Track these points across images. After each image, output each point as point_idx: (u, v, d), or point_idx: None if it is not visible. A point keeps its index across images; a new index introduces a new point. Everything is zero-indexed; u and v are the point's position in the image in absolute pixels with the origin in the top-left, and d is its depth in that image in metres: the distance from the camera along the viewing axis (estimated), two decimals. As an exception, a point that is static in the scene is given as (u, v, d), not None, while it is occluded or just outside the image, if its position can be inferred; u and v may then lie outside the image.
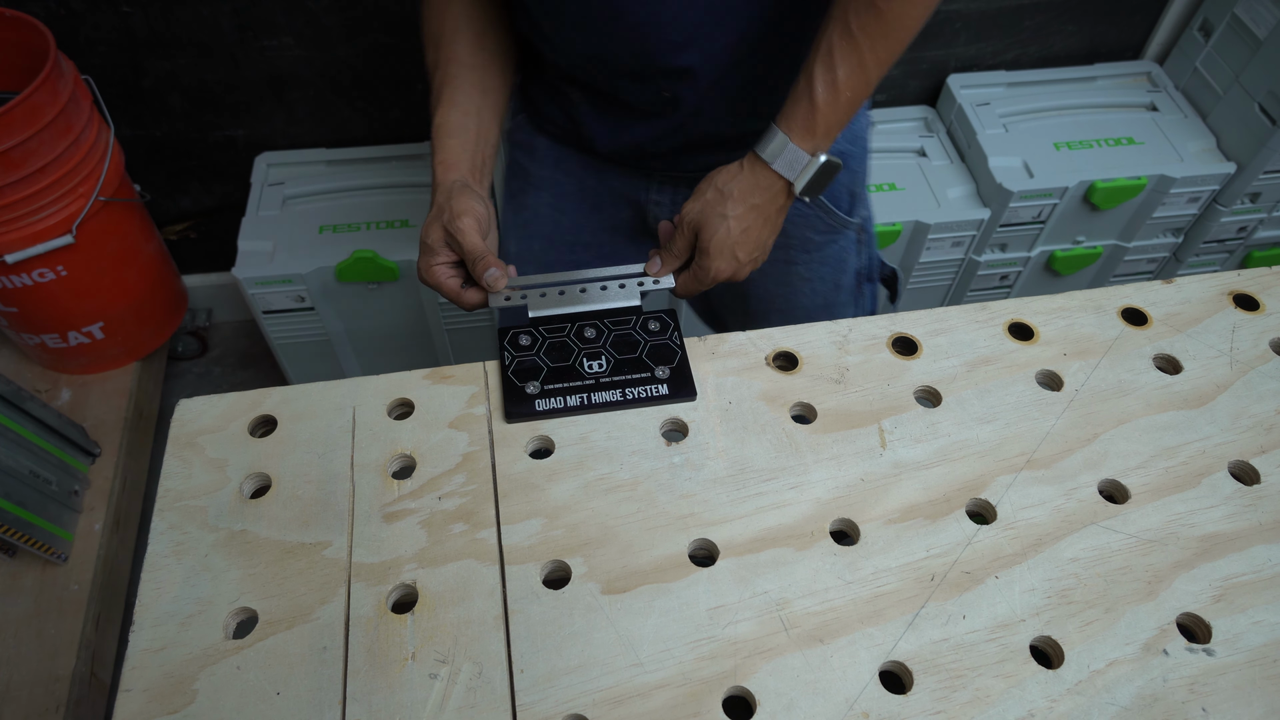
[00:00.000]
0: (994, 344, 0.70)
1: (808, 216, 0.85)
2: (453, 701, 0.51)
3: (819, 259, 0.88)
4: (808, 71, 0.66)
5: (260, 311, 1.45)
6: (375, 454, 0.62)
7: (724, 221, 0.70)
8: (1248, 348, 0.71)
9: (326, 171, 1.53)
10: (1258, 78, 1.47)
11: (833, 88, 0.65)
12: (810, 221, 0.85)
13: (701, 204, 0.70)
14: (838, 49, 0.64)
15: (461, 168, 0.74)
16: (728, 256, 0.71)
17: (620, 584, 0.56)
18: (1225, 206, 1.57)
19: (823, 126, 0.67)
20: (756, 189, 0.70)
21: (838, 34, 0.64)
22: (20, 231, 1.24)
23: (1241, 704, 0.52)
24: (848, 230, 0.88)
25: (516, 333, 0.70)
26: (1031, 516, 0.60)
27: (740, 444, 0.64)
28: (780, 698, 0.52)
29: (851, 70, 0.65)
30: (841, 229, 0.87)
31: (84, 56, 1.37)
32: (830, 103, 0.66)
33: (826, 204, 0.84)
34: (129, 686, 0.52)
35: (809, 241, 0.87)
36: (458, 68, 0.75)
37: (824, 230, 0.86)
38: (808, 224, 0.85)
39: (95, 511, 1.38)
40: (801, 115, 0.67)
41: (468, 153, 0.74)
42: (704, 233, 0.70)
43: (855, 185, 0.85)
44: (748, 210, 0.70)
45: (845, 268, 0.90)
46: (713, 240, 0.70)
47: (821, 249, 0.87)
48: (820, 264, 0.89)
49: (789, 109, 0.68)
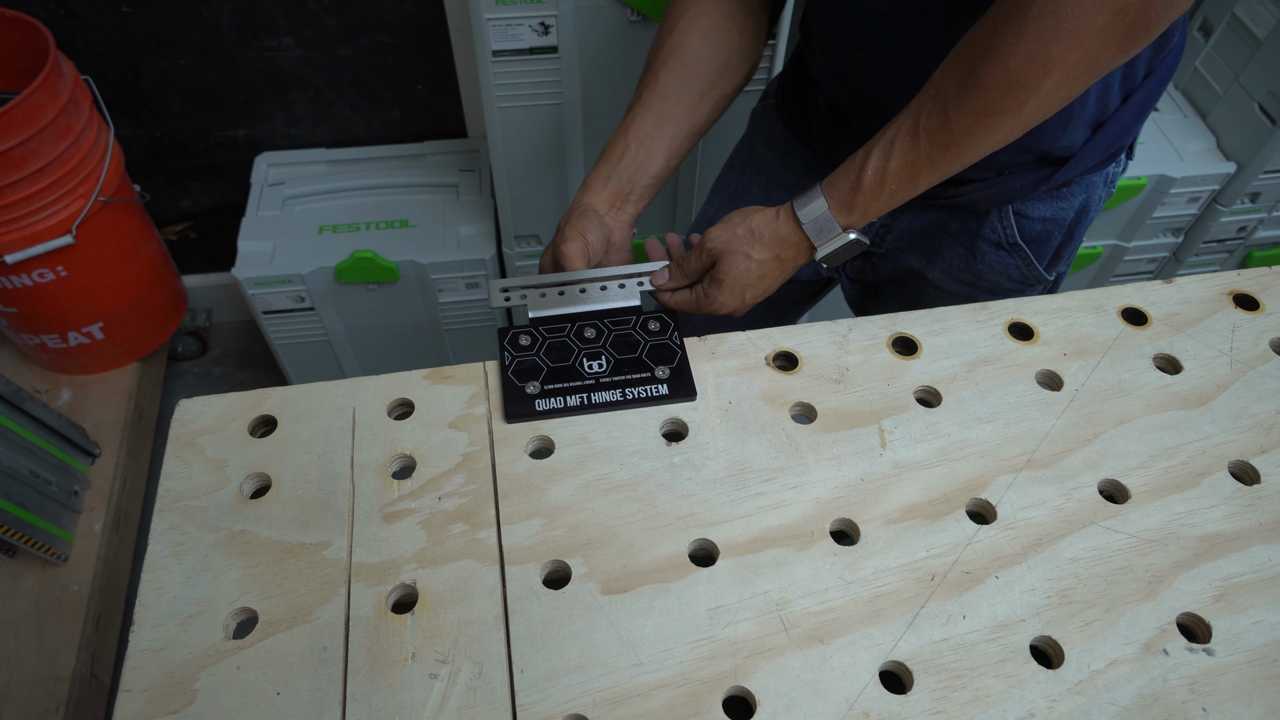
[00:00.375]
0: (994, 344, 0.70)
1: (1007, 265, 0.82)
2: (453, 702, 0.51)
3: None
4: (868, 149, 0.65)
5: (260, 312, 1.45)
6: (375, 454, 0.62)
7: (747, 261, 0.69)
8: (1248, 348, 0.71)
9: (326, 172, 1.53)
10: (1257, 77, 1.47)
11: (881, 176, 0.64)
12: (1008, 270, 0.83)
13: (730, 236, 0.70)
14: (900, 142, 0.63)
15: (598, 192, 0.76)
16: (738, 294, 0.71)
17: (620, 584, 0.56)
18: (1225, 206, 1.57)
19: (860, 208, 0.67)
20: (784, 242, 0.69)
21: (906, 127, 0.63)
22: (20, 232, 1.23)
23: (1241, 704, 0.52)
24: (1039, 285, 0.85)
25: (516, 333, 0.70)
26: (1031, 516, 0.60)
27: (740, 444, 0.64)
28: (780, 698, 0.52)
29: (904, 167, 0.64)
30: (1035, 283, 0.84)
31: (84, 56, 1.37)
32: (874, 189, 0.65)
33: (1030, 257, 0.81)
34: (129, 687, 0.52)
35: (998, 287, 0.84)
36: (649, 95, 0.76)
37: (1018, 280, 0.84)
38: (1005, 272, 0.83)
39: (95, 512, 1.37)
40: (845, 189, 0.66)
41: (614, 178, 0.76)
42: (724, 264, 0.70)
43: (1066, 248, 0.83)
44: (771, 258, 0.70)
45: None
46: (730, 275, 0.70)
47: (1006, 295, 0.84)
48: None
49: (838, 177, 0.67)
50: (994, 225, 0.80)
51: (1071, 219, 0.79)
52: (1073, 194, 0.78)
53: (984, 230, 0.80)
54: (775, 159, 0.92)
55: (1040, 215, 0.79)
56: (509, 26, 1.16)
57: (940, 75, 0.60)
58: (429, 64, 1.47)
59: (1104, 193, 0.80)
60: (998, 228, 0.80)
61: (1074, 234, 0.81)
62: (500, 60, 1.19)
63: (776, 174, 0.92)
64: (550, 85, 1.23)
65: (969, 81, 0.58)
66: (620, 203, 0.77)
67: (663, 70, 0.76)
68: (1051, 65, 0.54)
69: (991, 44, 0.56)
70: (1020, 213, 0.79)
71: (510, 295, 0.71)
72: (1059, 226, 0.80)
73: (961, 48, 0.59)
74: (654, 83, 0.76)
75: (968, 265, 0.83)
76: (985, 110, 0.58)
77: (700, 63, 0.76)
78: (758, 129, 0.94)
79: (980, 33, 0.57)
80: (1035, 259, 0.81)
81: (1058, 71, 0.54)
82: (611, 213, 0.76)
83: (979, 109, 0.58)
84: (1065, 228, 0.80)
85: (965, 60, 0.58)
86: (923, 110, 0.61)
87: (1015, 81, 0.56)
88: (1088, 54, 0.54)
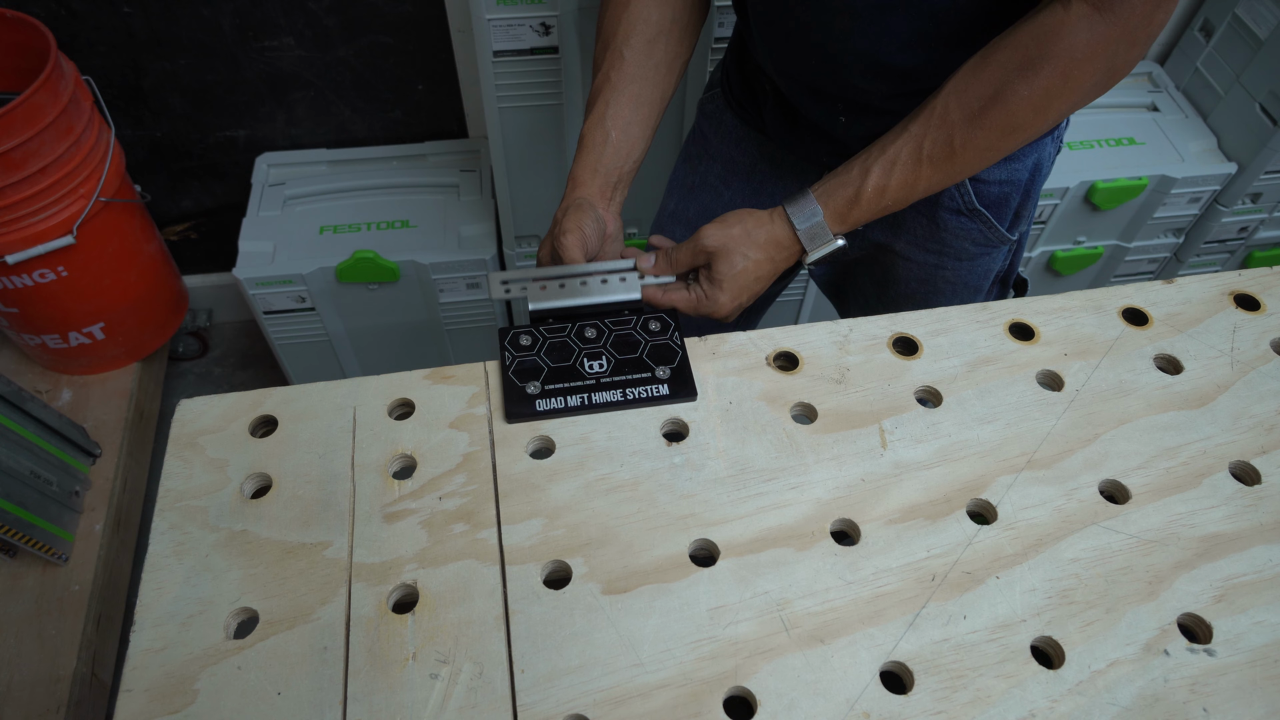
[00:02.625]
0: (994, 344, 0.70)
1: (969, 229, 0.84)
2: (453, 702, 0.51)
3: (968, 268, 0.89)
4: (866, 162, 0.68)
5: (261, 312, 1.45)
6: (376, 454, 0.62)
7: (745, 261, 0.71)
8: (1248, 348, 0.71)
9: (327, 172, 1.53)
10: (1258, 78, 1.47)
11: (881, 193, 0.68)
12: (970, 234, 0.85)
13: (727, 236, 0.71)
14: (902, 163, 0.67)
15: (588, 184, 0.76)
16: (734, 294, 0.72)
17: (621, 584, 0.56)
18: (1226, 207, 1.57)
19: (854, 218, 0.70)
20: (777, 244, 0.71)
21: (909, 150, 0.67)
22: (21, 232, 1.24)
23: (1242, 704, 0.52)
24: (1004, 246, 0.88)
25: (517, 333, 0.70)
26: (1032, 517, 0.60)
27: (741, 444, 0.64)
28: (781, 698, 0.52)
29: (903, 185, 0.68)
30: (999, 244, 0.87)
31: (84, 57, 1.37)
32: (872, 203, 0.69)
33: (991, 219, 0.84)
34: (130, 687, 0.52)
35: (964, 251, 0.87)
36: (618, 75, 0.76)
37: (981, 243, 0.86)
38: (967, 236, 0.85)
39: (96, 512, 1.38)
40: (842, 202, 0.69)
41: (601, 169, 0.76)
42: (722, 264, 0.71)
43: (1024, 206, 0.85)
44: (766, 259, 0.72)
45: (989, 275, 0.91)
46: (729, 274, 0.71)
47: (974, 259, 0.88)
48: (968, 272, 0.89)
49: (834, 189, 0.69)
50: (952, 194, 0.82)
51: (1026, 179, 0.82)
52: (1024, 155, 0.80)
53: (943, 199, 0.82)
54: (728, 146, 0.92)
55: (996, 179, 0.81)
56: (509, 27, 1.16)
57: (944, 105, 0.65)
58: (429, 64, 1.47)
59: (1053, 149, 0.83)
60: (956, 196, 0.82)
61: (1030, 193, 0.84)
62: (501, 60, 1.19)
63: (731, 161, 0.93)
64: (550, 85, 1.23)
65: (976, 120, 0.64)
66: (610, 193, 0.77)
67: (627, 48, 0.76)
68: (1052, 114, 0.63)
69: (1002, 90, 0.63)
70: (976, 179, 0.81)
71: (510, 287, 0.71)
72: (1015, 188, 0.82)
73: (969, 80, 0.64)
74: (621, 63, 0.76)
75: (931, 234, 0.85)
76: (989, 147, 0.65)
77: (661, 34, 0.76)
78: (708, 119, 0.94)
79: (989, 76, 0.63)
80: (996, 221, 0.84)
81: (1055, 117, 0.64)
82: (603, 204, 0.77)
83: (983, 145, 0.65)
84: (1021, 188, 0.82)
85: (973, 96, 0.64)
86: (926, 136, 0.66)
87: (1019, 126, 0.64)
88: (1080, 103, 0.64)
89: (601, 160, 0.76)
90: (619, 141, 0.76)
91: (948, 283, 0.90)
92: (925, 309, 0.86)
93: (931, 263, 0.88)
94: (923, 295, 0.92)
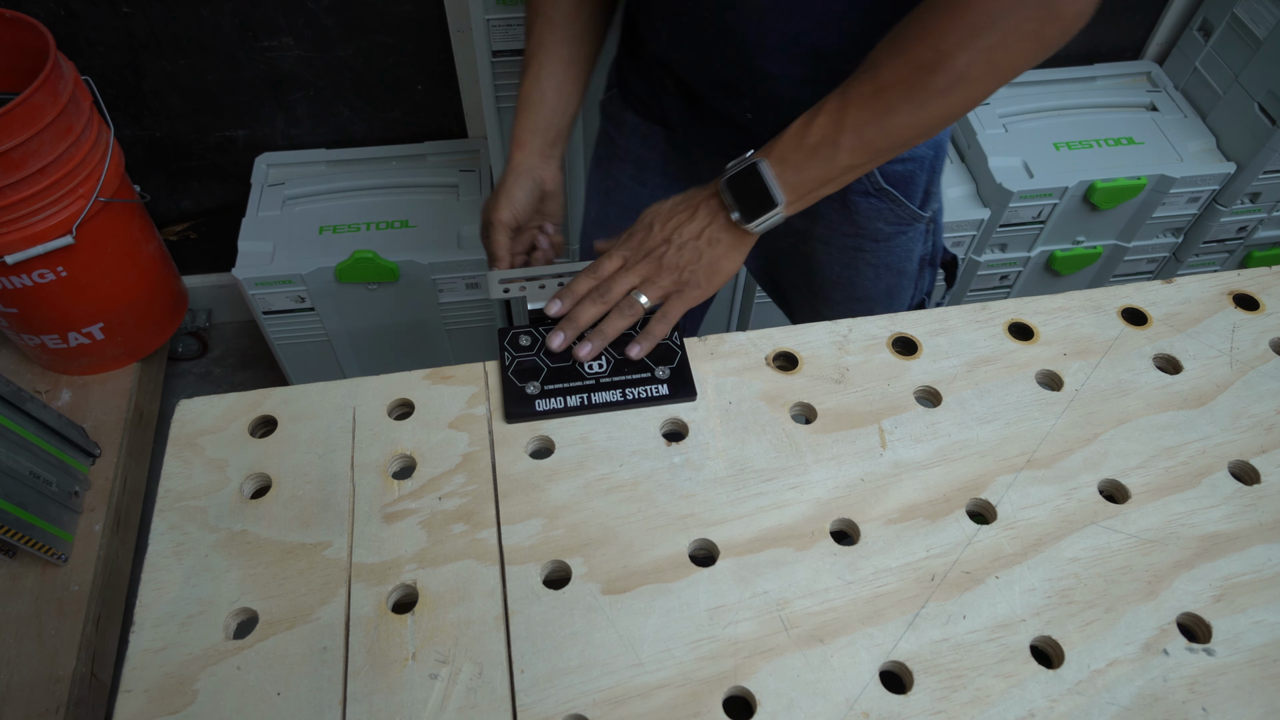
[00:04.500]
0: (994, 344, 0.70)
1: (879, 209, 0.86)
2: (453, 702, 0.51)
3: (886, 249, 0.90)
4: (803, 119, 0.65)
5: (260, 312, 1.45)
6: (375, 454, 0.62)
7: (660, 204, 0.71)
8: (1248, 347, 0.71)
9: (326, 172, 1.53)
10: (1257, 78, 1.47)
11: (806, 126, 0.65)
12: (882, 214, 0.86)
13: None
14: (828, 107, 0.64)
15: (529, 145, 0.79)
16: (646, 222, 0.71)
17: (620, 584, 0.56)
18: (1225, 206, 1.57)
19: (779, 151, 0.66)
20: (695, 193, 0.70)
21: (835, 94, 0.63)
22: (20, 232, 1.24)
23: (1242, 704, 0.52)
24: (918, 224, 0.89)
25: (517, 333, 0.70)
26: (1032, 516, 0.60)
27: (740, 444, 0.64)
28: (780, 698, 0.52)
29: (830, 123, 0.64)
30: (912, 222, 0.88)
31: (84, 57, 1.37)
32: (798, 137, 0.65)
33: (899, 198, 0.85)
34: (129, 687, 0.52)
35: (878, 232, 0.88)
36: (550, 38, 0.78)
37: (894, 222, 0.87)
38: (879, 216, 0.86)
39: (95, 512, 1.38)
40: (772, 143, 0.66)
41: (540, 128, 0.79)
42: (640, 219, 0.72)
43: (932, 184, 0.87)
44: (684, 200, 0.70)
45: (911, 256, 0.92)
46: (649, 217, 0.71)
47: (890, 239, 0.89)
48: (888, 253, 0.90)
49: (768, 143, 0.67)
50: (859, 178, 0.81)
51: (931, 156, 0.83)
52: None
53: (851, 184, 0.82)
54: (635, 145, 0.93)
55: (900, 157, 0.82)
56: (509, 27, 1.16)
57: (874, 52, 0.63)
58: (429, 64, 1.47)
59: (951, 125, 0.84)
60: (863, 179, 0.83)
61: (935, 170, 0.85)
62: (500, 60, 1.19)
63: (641, 160, 0.93)
64: (550, 85, 1.23)
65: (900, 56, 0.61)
66: (549, 150, 0.80)
67: (555, 12, 0.78)
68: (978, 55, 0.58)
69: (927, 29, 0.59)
70: None
71: (509, 287, 0.71)
72: (919, 165, 0.83)
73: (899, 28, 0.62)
74: (552, 26, 0.78)
75: (845, 217, 0.87)
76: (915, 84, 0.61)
77: None
78: (610, 120, 0.95)
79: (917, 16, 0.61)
80: (905, 199, 0.85)
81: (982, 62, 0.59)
82: (543, 163, 0.79)
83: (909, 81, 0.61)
84: (926, 165, 0.84)
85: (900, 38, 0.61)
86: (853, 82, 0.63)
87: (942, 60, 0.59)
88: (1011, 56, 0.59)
89: (540, 120, 0.79)
90: (555, 101, 0.79)
91: (869, 265, 0.91)
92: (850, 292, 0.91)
93: (850, 246, 0.89)
94: (849, 279, 0.93)
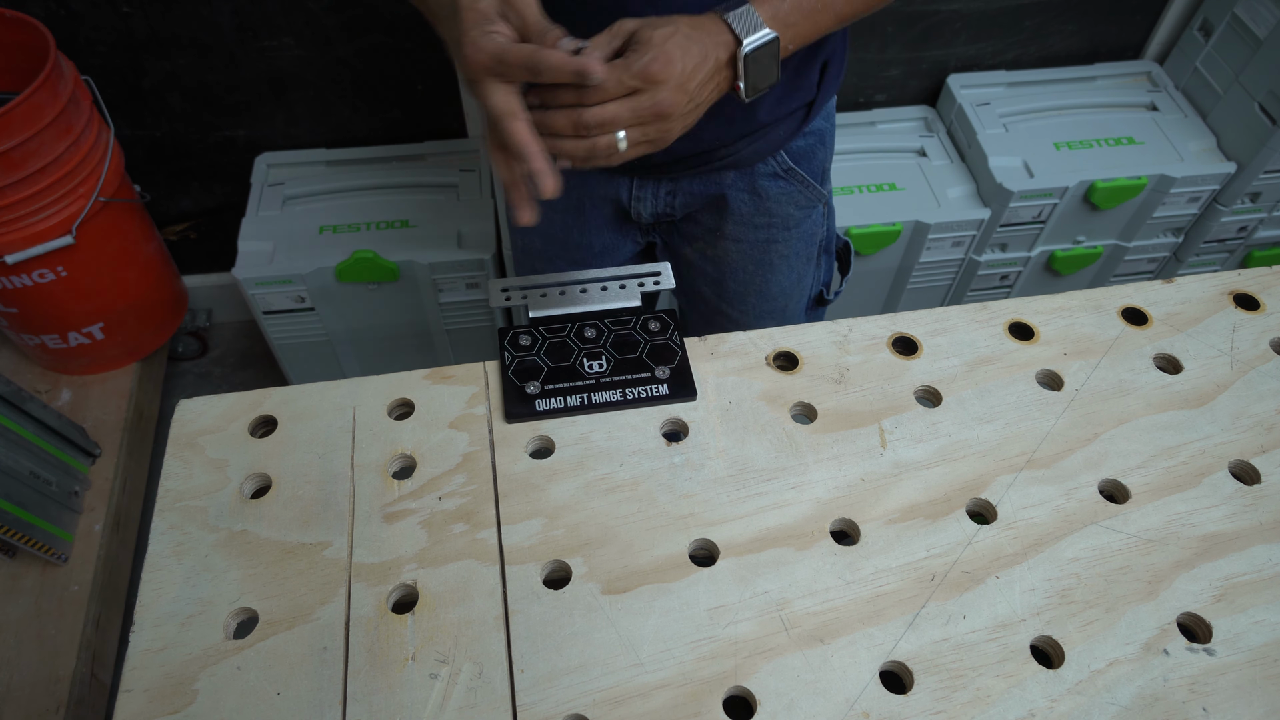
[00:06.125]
0: (994, 344, 0.70)
1: (789, 192, 0.88)
2: (453, 702, 0.51)
3: (796, 235, 0.92)
4: None
5: (260, 312, 1.45)
6: (375, 454, 0.62)
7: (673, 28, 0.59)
8: (1248, 347, 0.71)
9: (326, 172, 1.53)
10: (1258, 77, 1.47)
11: None
12: (793, 197, 0.89)
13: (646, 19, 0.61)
14: None
15: None
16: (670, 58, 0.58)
17: (620, 584, 0.56)
18: (1225, 206, 1.57)
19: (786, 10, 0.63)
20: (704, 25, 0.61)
21: None
22: (20, 232, 1.24)
23: (1242, 704, 0.52)
24: (820, 204, 0.92)
25: (516, 333, 0.70)
26: (1032, 516, 0.60)
27: (740, 444, 0.64)
28: (781, 698, 0.52)
29: None
30: (816, 203, 0.91)
31: (84, 57, 1.37)
32: None
33: (805, 177, 0.88)
34: (129, 687, 0.52)
35: (790, 218, 0.90)
36: None
37: (803, 205, 0.90)
38: (790, 200, 0.89)
39: (95, 512, 1.38)
40: None
41: None
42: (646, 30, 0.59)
43: (827, 160, 0.90)
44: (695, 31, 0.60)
45: (814, 241, 0.95)
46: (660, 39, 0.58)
47: (800, 224, 0.92)
48: (798, 240, 0.93)
49: None
50: (768, 160, 0.86)
51: (825, 127, 0.88)
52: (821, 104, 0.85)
53: (759, 168, 0.86)
54: None
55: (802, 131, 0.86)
56: (509, 26, 1.16)
57: None
58: (429, 64, 1.47)
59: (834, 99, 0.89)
60: (772, 161, 0.86)
61: (827, 143, 0.90)
62: (500, 60, 1.19)
63: None
64: (550, 85, 1.23)
65: None
66: None
67: None
68: None
69: None
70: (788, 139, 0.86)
71: (511, 295, 0.72)
72: (817, 139, 0.88)
73: None
74: None
75: (757, 206, 0.89)
76: None
77: None
78: None
79: None
80: (810, 178, 0.89)
81: None
82: None
83: None
84: (826, 140, 0.89)
85: None
86: None
87: None
88: None
89: None
90: None
91: (781, 256, 0.93)
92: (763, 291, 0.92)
93: (763, 239, 0.91)
94: (761, 279, 0.94)
